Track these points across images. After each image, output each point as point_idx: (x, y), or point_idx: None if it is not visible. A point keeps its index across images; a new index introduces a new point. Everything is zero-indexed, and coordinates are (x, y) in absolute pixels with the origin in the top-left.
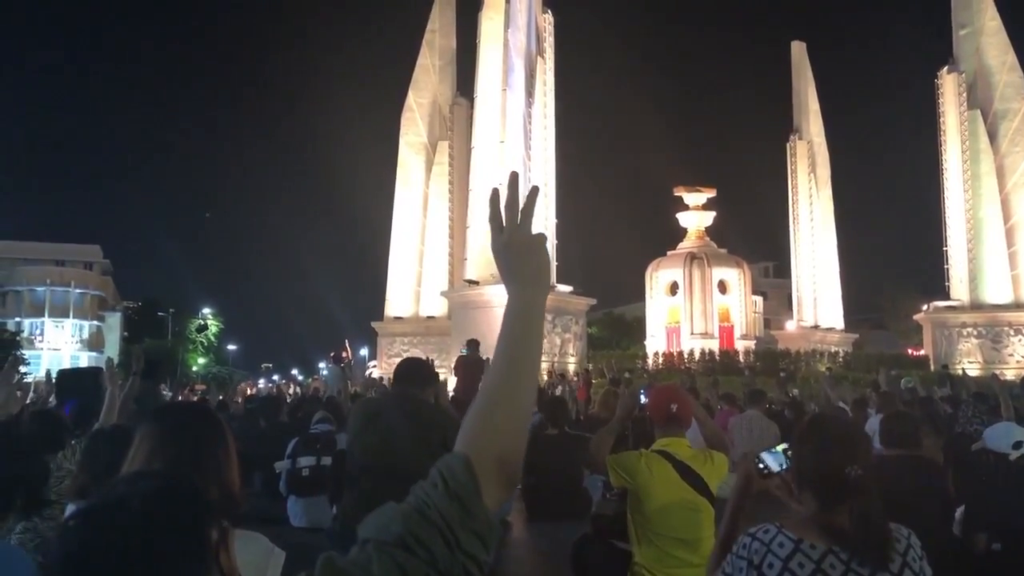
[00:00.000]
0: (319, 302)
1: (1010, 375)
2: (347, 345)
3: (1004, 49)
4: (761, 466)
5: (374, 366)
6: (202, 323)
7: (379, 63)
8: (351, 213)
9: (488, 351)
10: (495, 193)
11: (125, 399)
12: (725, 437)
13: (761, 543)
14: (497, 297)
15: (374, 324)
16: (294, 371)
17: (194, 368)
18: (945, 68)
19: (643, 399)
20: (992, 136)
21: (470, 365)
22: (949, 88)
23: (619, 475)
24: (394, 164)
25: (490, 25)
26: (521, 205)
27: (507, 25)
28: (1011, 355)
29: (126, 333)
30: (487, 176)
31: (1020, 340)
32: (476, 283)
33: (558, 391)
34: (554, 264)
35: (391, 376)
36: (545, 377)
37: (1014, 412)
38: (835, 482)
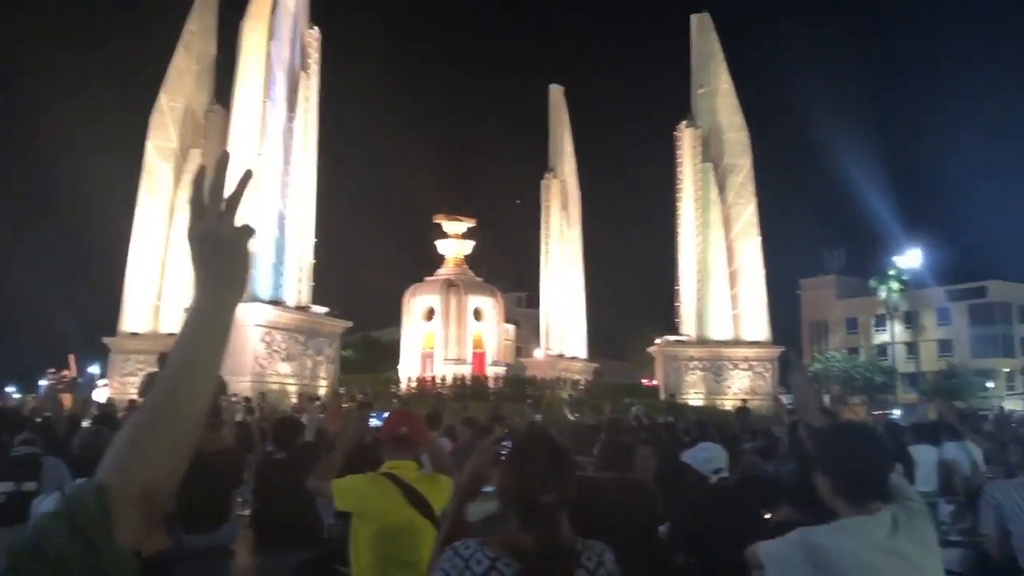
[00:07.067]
0: (43, 312)
1: (728, 405)
2: (71, 362)
3: (734, 110)
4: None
5: (105, 385)
6: None
7: (128, 60)
8: (85, 217)
9: (231, 372)
10: (200, 171)
11: None
12: (451, 461)
13: (461, 559)
14: (247, 315)
15: (106, 340)
16: (9, 388)
17: None
18: (684, 122)
19: (376, 423)
20: (721, 188)
21: None
22: (687, 141)
23: (343, 498)
24: (139, 168)
25: (253, 35)
26: (230, 192)
27: (271, 36)
28: (729, 387)
29: None
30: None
31: (738, 374)
32: None
33: (304, 418)
34: (311, 284)
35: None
36: (295, 400)
37: (719, 437)
38: (529, 506)
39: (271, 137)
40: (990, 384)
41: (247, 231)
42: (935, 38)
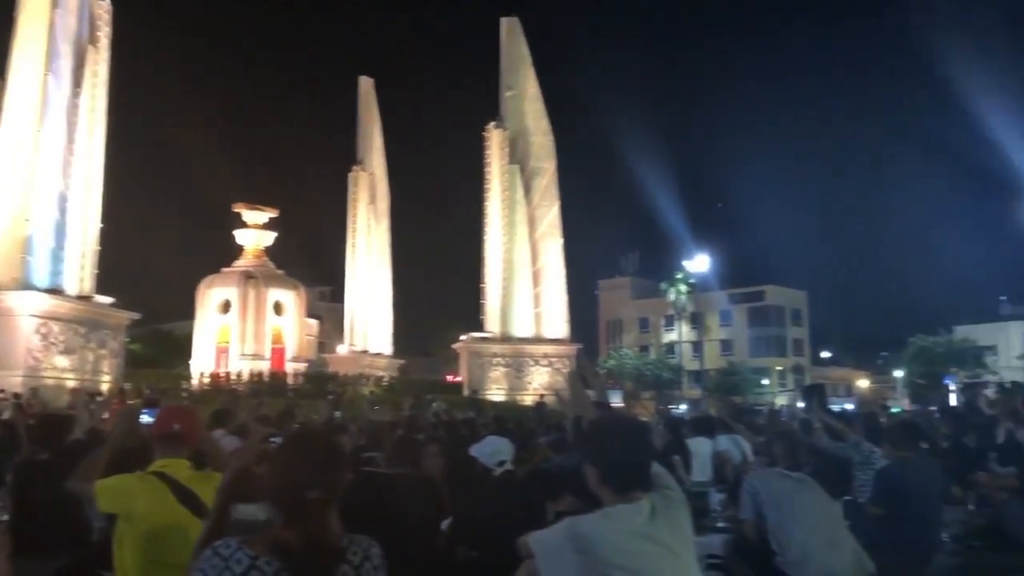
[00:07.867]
0: None
1: (528, 400)
2: None
3: (540, 115)
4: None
5: None
6: None
7: None
8: None
9: (9, 363)
10: None
11: None
12: (229, 460)
13: (221, 558)
14: (20, 304)
15: None
16: None
17: None
18: (493, 123)
19: (148, 419)
20: (527, 189)
21: None
22: (496, 142)
23: (107, 499)
24: None
25: (33, 1)
26: None
27: (55, 4)
28: (530, 383)
29: None
30: (20, 166)
31: (539, 370)
32: None
33: (82, 414)
34: (95, 272)
35: None
36: (67, 397)
37: (518, 431)
38: (296, 502)
39: (53, 113)
40: (765, 381)
41: None
42: (728, 58)
